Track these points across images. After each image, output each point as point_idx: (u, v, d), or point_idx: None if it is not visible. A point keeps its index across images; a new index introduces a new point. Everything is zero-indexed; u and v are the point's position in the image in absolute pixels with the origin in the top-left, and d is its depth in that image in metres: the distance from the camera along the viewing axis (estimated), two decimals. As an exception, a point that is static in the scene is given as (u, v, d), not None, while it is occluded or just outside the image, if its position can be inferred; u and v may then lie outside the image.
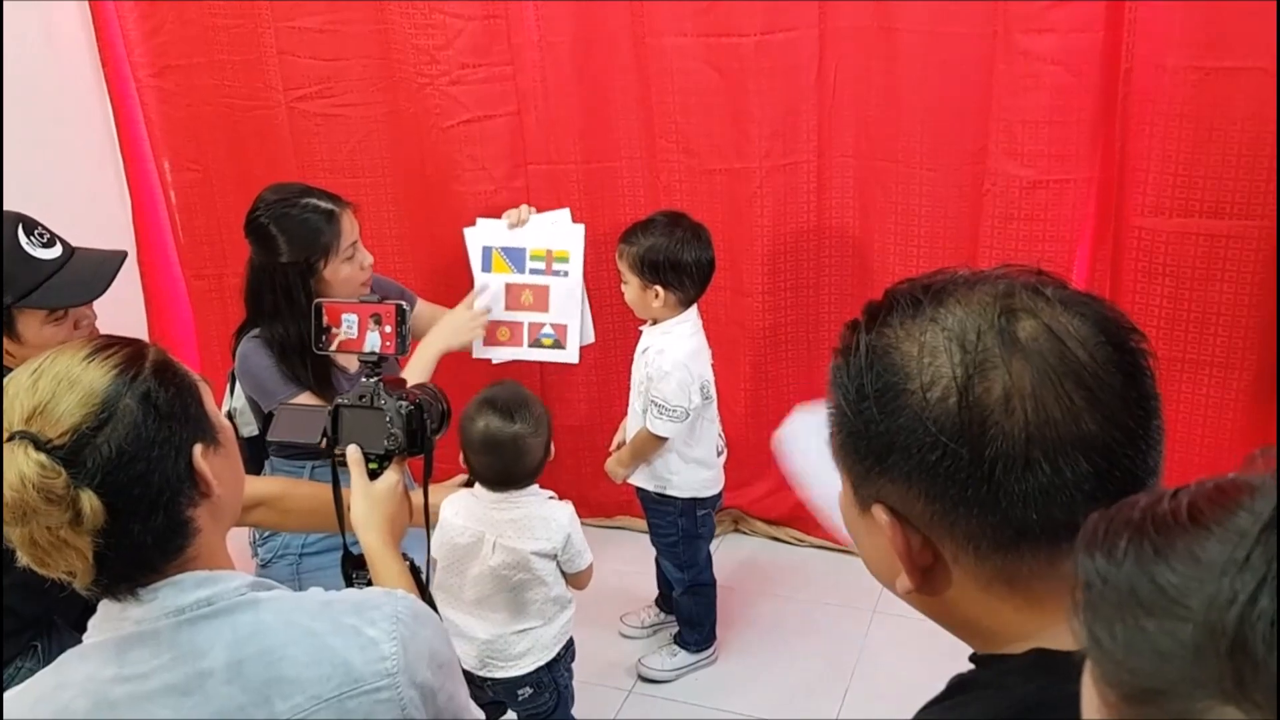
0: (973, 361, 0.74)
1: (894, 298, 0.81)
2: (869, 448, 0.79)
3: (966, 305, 0.77)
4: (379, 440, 1.54)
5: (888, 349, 0.78)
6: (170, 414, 1.07)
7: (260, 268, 2.35)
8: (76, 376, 1.05)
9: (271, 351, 2.33)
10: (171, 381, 1.10)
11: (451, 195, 3.03)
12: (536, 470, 2.09)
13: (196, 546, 1.11)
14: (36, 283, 1.90)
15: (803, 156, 2.81)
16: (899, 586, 0.81)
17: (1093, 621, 0.54)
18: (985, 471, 0.73)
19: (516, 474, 2.06)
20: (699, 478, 2.64)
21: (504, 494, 2.07)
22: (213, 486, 1.10)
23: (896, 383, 0.77)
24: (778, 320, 2.99)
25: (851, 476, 0.82)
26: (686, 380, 2.48)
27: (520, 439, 2.02)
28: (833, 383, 0.82)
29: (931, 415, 0.74)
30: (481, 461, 2.04)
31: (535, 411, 2.06)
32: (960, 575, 0.78)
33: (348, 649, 1.09)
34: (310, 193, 2.38)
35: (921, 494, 0.76)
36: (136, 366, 1.08)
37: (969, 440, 0.73)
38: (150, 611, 1.07)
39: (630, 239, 2.51)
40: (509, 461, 2.03)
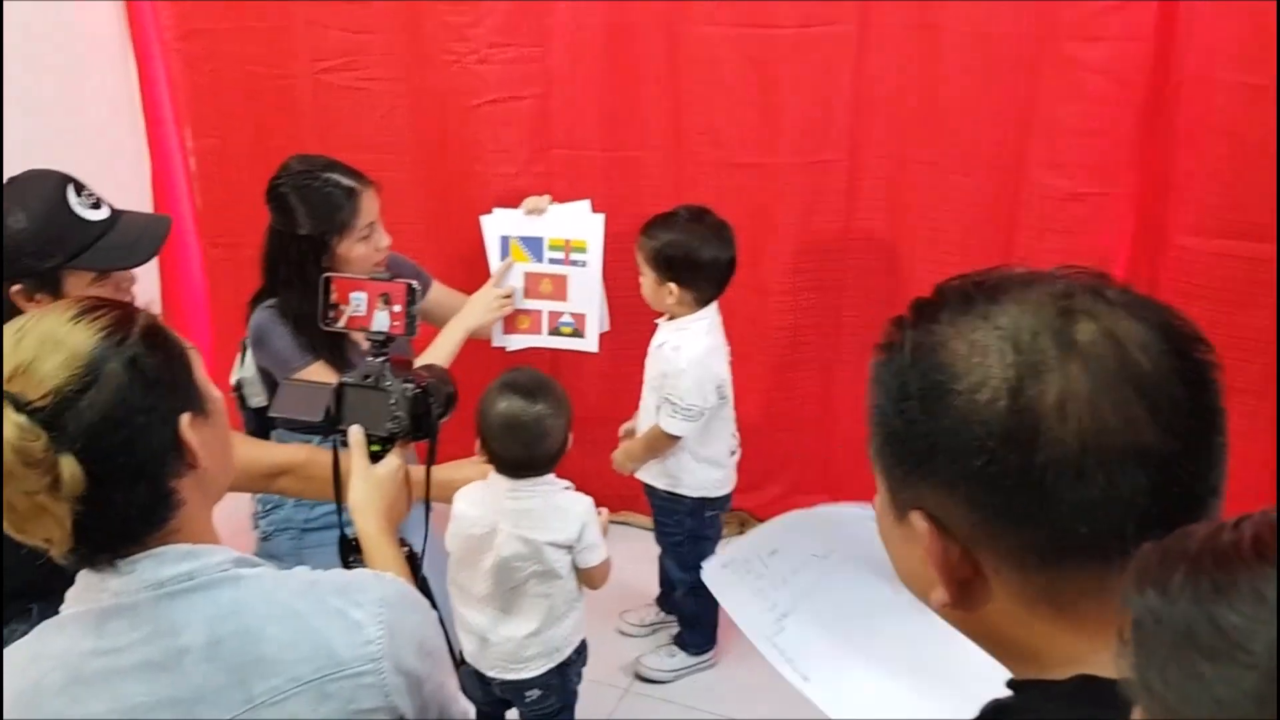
0: (1026, 363, 0.70)
1: (945, 293, 0.76)
2: (910, 450, 0.74)
3: (1022, 304, 0.72)
4: (383, 422, 1.50)
5: (935, 346, 0.74)
6: (158, 381, 1.04)
7: (277, 236, 2.35)
8: (62, 337, 1.02)
9: (286, 321, 2.32)
10: (160, 347, 1.07)
11: (472, 176, 2.99)
12: (557, 455, 2.04)
13: (180, 519, 1.07)
14: (86, 243, 1.88)
15: (834, 154, 2.75)
16: (934, 600, 0.77)
17: (1144, 664, 0.50)
18: (1034, 480, 0.69)
19: (537, 457, 2.01)
20: (710, 477, 2.60)
21: (520, 482, 2.03)
22: (199, 458, 1.07)
23: (943, 382, 0.72)
24: (798, 321, 2.94)
25: (889, 481, 0.78)
26: (702, 379, 2.44)
27: (543, 419, 1.98)
28: (874, 380, 0.78)
29: (979, 418, 0.70)
30: (502, 445, 2.00)
31: (556, 393, 2.03)
32: (1001, 590, 0.74)
33: (331, 631, 1.06)
34: (335, 167, 2.36)
35: (964, 502, 0.72)
36: (125, 330, 1.05)
37: (1018, 446, 0.69)
38: (129, 584, 1.04)
39: (650, 232, 2.47)
40: (530, 444, 1.99)
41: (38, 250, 1.86)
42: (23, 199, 1.89)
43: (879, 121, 2.71)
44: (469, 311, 2.57)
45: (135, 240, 1.97)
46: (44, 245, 1.86)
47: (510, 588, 2.06)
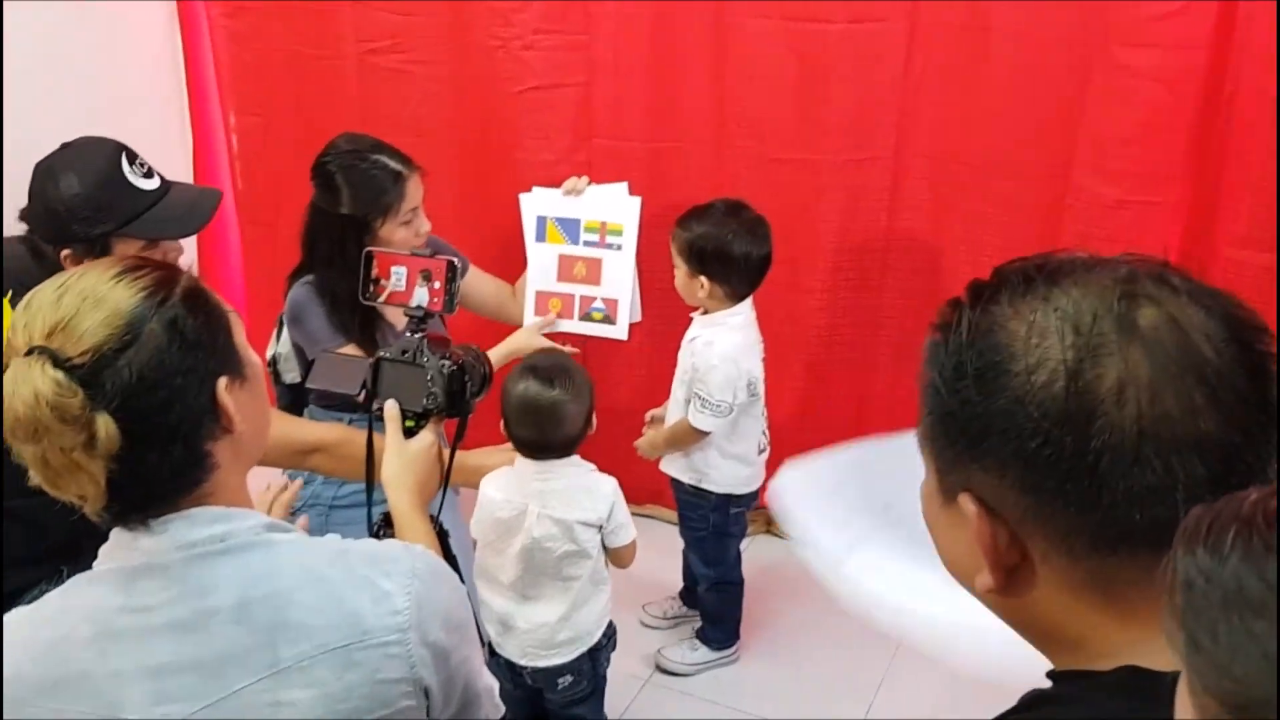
0: (1085, 345, 0.69)
1: (1004, 275, 0.75)
2: (962, 430, 0.73)
3: (1084, 287, 0.72)
4: (418, 398, 1.51)
5: (993, 327, 0.73)
6: (197, 343, 1.04)
7: (319, 213, 2.35)
8: (103, 295, 1.02)
9: (323, 300, 2.33)
10: (201, 309, 1.07)
11: (513, 163, 2.99)
12: (575, 440, 2.06)
13: (214, 482, 1.08)
14: (137, 212, 1.90)
15: (877, 153, 2.73)
16: (979, 584, 0.75)
17: (1193, 623, 0.50)
18: (1089, 464, 0.68)
19: (554, 441, 2.03)
20: (737, 474, 2.59)
21: (545, 464, 2.05)
22: (235, 421, 1.07)
23: (999, 362, 0.71)
24: (835, 320, 2.92)
25: (939, 462, 0.77)
26: (733, 375, 2.42)
27: (558, 405, 1.99)
28: (928, 360, 0.77)
29: (1035, 399, 0.69)
30: (519, 427, 2.03)
31: (576, 380, 2.04)
32: (1048, 577, 0.73)
33: (359, 600, 1.06)
34: (382, 149, 2.37)
35: (1015, 485, 0.71)
36: (166, 290, 1.05)
37: (1074, 429, 0.68)
38: (161, 544, 1.05)
39: (684, 223, 2.46)
40: (546, 428, 2.01)
41: (89, 216, 1.88)
42: (77, 164, 1.91)
43: (924, 121, 2.68)
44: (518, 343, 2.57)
45: (185, 212, 1.99)
46: (95, 211, 1.88)
47: (540, 570, 2.07)
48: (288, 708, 1.02)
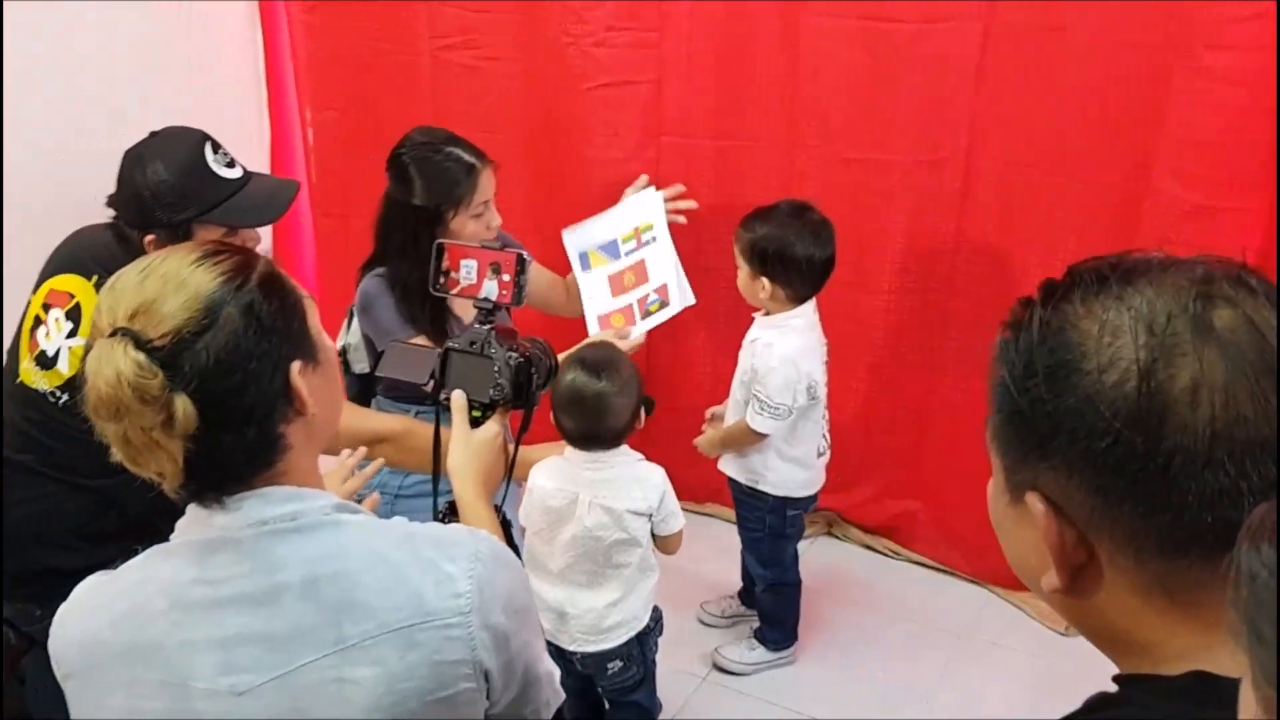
0: (1159, 346, 0.68)
1: (1077, 274, 0.75)
2: (1031, 429, 0.73)
3: (1158, 287, 0.71)
4: (485, 389, 1.52)
5: (1064, 325, 0.72)
6: (272, 327, 1.06)
7: (393, 204, 2.39)
8: (185, 279, 1.05)
9: (393, 291, 2.36)
10: (277, 294, 1.09)
11: (583, 160, 3.01)
12: (623, 432, 2.08)
13: (286, 463, 1.10)
14: (219, 199, 1.96)
15: (948, 154, 2.70)
16: (1045, 584, 0.75)
17: (1256, 615, 0.50)
18: (1160, 465, 0.67)
19: (600, 433, 2.05)
20: (795, 478, 2.58)
21: (595, 454, 2.07)
22: (308, 405, 1.09)
23: (1070, 361, 0.71)
24: (901, 322, 2.90)
25: (1006, 460, 0.77)
26: (792, 378, 2.42)
27: (604, 396, 2.01)
28: (998, 358, 0.76)
29: (1106, 399, 0.68)
30: (566, 417, 2.05)
31: (624, 372, 2.05)
32: (1115, 578, 0.72)
33: (423, 581, 1.07)
34: (456, 142, 2.40)
35: (1084, 484, 0.70)
36: (244, 275, 1.07)
37: (1146, 430, 0.67)
38: (235, 520, 1.08)
39: (748, 224, 2.46)
40: (592, 419, 2.03)
41: (174, 202, 1.94)
42: (164, 152, 1.98)
43: (996, 122, 2.64)
44: None
45: (265, 201, 2.05)
46: (179, 198, 1.94)
47: (590, 558, 2.09)
48: (350, 685, 1.04)
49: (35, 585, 2.04)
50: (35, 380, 2.02)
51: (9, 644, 2.20)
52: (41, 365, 2.01)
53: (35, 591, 2.04)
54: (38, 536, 2.02)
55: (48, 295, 2.05)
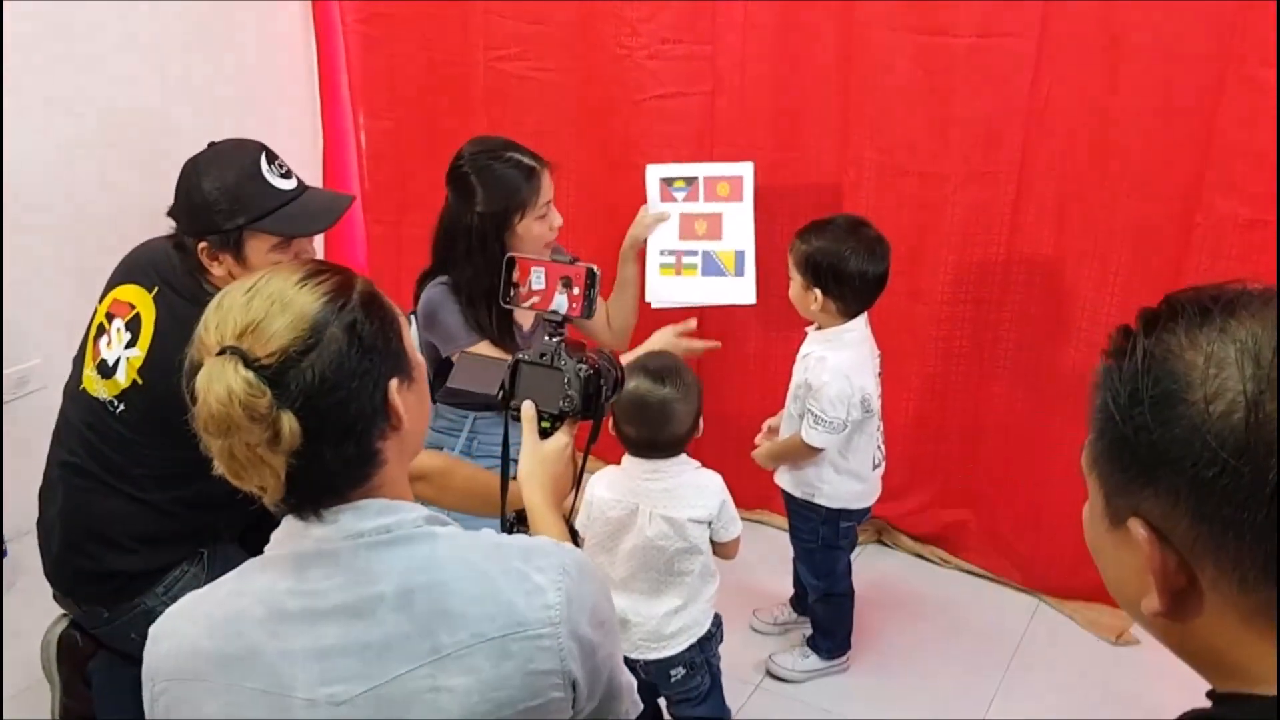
0: (1266, 378, 0.70)
1: (1177, 305, 0.77)
2: (1135, 457, 0.75)
3: (1262, 321, 0.73)
4: (555, 400, 1.55)
5: (1168, 355, 0.75)
6: (373, 346, 1.10)
7: (456, 216, 2.43)
8: (290, 299, 1.08)
9: (459, 299, 2.40)
10: (377, 314, 1.12)
11: (635, 170, 3.01)
12: (684, 439, 2.10)
13: (381, 476, 1.14)
14: (271, 208, 2.00)
15: (1003, 167, 2.71)
16: (1144, 607, 0.77)
17: None
18: (1267, 495, 0.69)
19: (663, 440, 2.07)
20: (850, 490, 2.59)
21: (654, 464, 2.10)
22: (403, 420, 1.13)
23: (1176, 391, 0.73)
24: (952, 333, 2.91)
25: (1107, 487, 0.79)
26: (845, 392, 2.44)
27: (668, 403, 2.04)
28: (1100, 385, 0.79)
29: (1213, 429, 0.71)
30: (629, 425, 2.07)
31: (686, 379, 2.08)
32: (1216, 603, 0.74)
33: (514, 592, 1.10)
34: (513, 148, 2.44)
35: (1188, 512, 0.73)
36: (346, 296, 1.11)
37: (1252, 460, 0.70)
38: (331, 532, 1.11)
39: (803, 236, 2.48)
40: (655, 426, 2.05)
41: (227, 209, 1.98)
42: (220, 161, 2.03)
43: (1050, 135, 2.65)
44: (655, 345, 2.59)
45: (318, 211, 2.08)
46: (233, 204, 1.98)
47: (652, 567, 2.11)
48: (446, 693, 1.07)
49: (101, 587, 2.09)
50: (96, 388, 2.06)
51: (77, 646, 2.25)
52: (102, 374, 2.06)
53: (102, 593, 2.10)
54: (101, 539, 2.06)
55: (111, 305, 2.10)
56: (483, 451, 2.52)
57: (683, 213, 2.75)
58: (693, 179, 2.74)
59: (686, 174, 2.76)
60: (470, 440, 2.55)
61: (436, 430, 2.57)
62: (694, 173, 2.75)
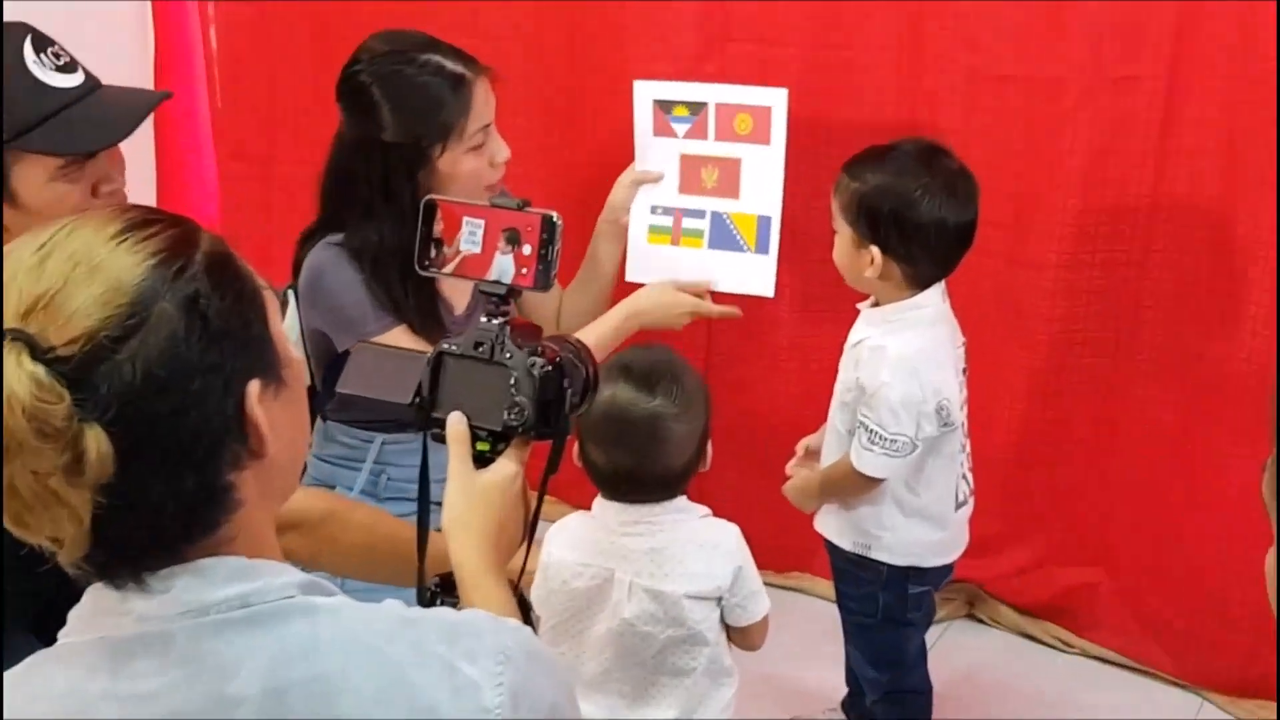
0: None
1: None
2: None
3: None
4: (496, 410, 1.53)
5: None
6: (224, 332, 1.08)
7: (352, 146, 2.43)
8: (100, 261, 1.05)
9: (360, 265, 2.39)
10: (230, 285, 1.11)
11: (613, 76, 3.03)
12: (683, 476, 2.07)
13: (235, 524, 1.12)
14: (42, 115, 1.92)
15: (1148, 68, 2.72)
16: None
17: None
18: None
19: (650, 475, 2.05)
20: (922, 539, 2.58)
21: (637, 511, 2.07)
22: (267, 443, 1.11)
23: None
24: (1074, 310, 2.92)
25: None
26: (914, 396, 2.41)
27: (659, 421, 2.01)
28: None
29: None
30: (603, 452, 2.04)
31: (687, 386, 2.05)
32: None
33: (436, 689, 1.09)
34: (436, 47, 2.43)
35: None
36: (184, 257, 1.08)
37: None
38: (163, 607, 1.08)
39: (854, 170, 2.47)
40: (640, 455, 2.02)
41: None
42: None
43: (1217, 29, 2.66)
44: (647, 301, 2.61)
45: (115, 115, 2.01)
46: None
47: (637, 662, 2.09)
48: None
49: None
50: None
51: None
52: None
53: None
54: None
55: None
56: (395, 491, 2.51)
57: (684, 153, 2.74)
58: (700, 105, 2.73)
59: (691, 97, 2.74)
60: (376, 475, 2.55)
61: (325, 460, 2.57)
62: (702, 96, 2.74)
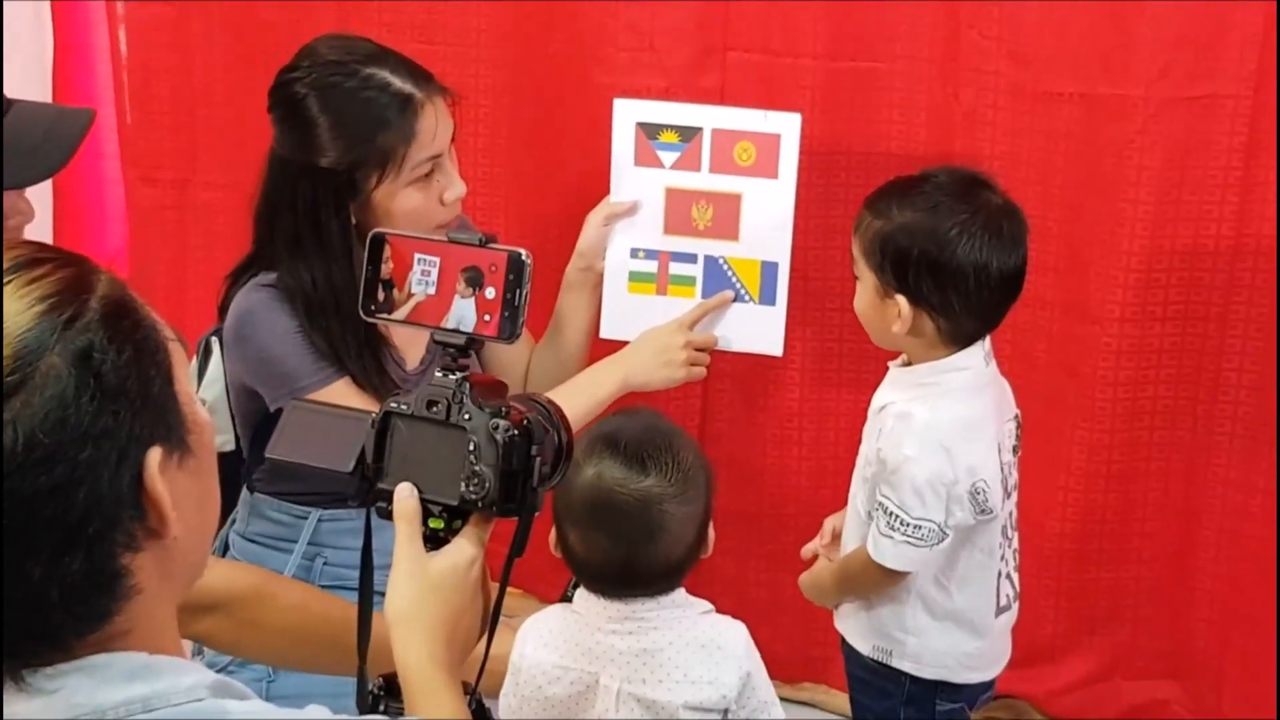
0: None
1: None
2: None
3: None
4: (453, 481, 1.53)
5: None
6: (120, 392, 1.09)
7: (282, 168, 2.43)
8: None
9: (292, 308, 2.40)
10: (129, 336, 1.11)
11: (592, 90, 3.06)
12: (682, 565, 2.06)
13: (131, 614, 1.12)
14: None
15: (1228, 86, 2.74)
16: None
17: None
18: None
19: (645, 568, 2.03)
20: (956, 648, 2.56)
21: (628, 607, 2.06)
22: (169, 521, 1.12)
23: None
24: (1143, 372, 2.93)
25: None
26: (942, 475, 2.40)
27: (653, 505, 1.99)
28: None
29: None
30: (588, 542, 2.03)
31: (685, 461, 2.03)
32: None
33: None
34: (385, 60, 2.45)
35: None
36: (77, 303, 1.09)
37: None
38: (49, 710, 1.09)
39: (879, 205, 2.46)
40: (633, 543, 2.01)
41: None
42: None
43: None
44: (635, 357, 2.62)
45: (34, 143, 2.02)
46: None
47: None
48: None
49: None
50: None
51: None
52: None
53: None
54: None
55: None
56: (333, 578, 2.52)
57: (671, 186, 2.74)
58: (693, 130, 2.73)
59: (682, 120, 2.74)
60: (310, 559, 2.56)
61: (252, 539, 2.59)
62: (695, 119, 2.74)
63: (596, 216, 2.73)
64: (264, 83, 2.50)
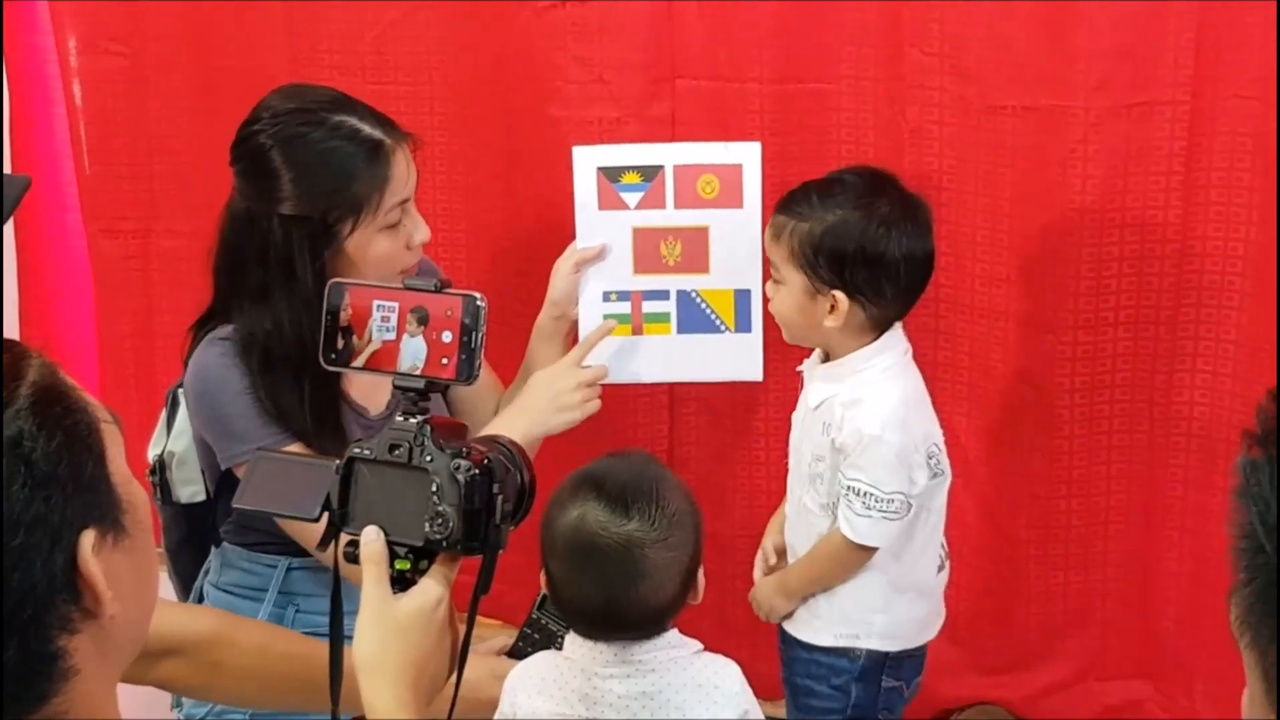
0: None
1: None
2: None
3: None
4: (417, 522, 1.56)
5: None
6: (51, 477, 1.10)
7: (244, 220, 2.43)
8: None
9: (248, 365, 2.40)
10: (59, 422, 1.12)
11: (544, 124, 3.09)
12: (666, 611, 2.05)
13: (69, 696, 1.13)
14: None
15: (1164, 93, 2.77)
16: None
17: None
18: None
19: (627, 611, 2.02)
20: (913, 615, 2.63)
21: (623, 650, 2.05)
22: (104, 601, 1.13)
23: None
24: (1099, 377, 2.95)
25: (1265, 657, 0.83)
26: (905, 445, 2.47)
27: (634, 550, 1.98)
28: (1240, 492, 0.82)
29: None
30: (572, 585, 2.03)
31: (670, 506, 2.02)
32: None
33: None
34: (349, 107, 2.46)
35: None
36: (7, 390, 1.10)
37: None
38: (-17, 805, 1.09)
39: (796, 207, 2.52)
40: (614, 587, 2.00)
41: None
42: None
43: (1241, 45, 2.71)
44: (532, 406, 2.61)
45: None
46: None
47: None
48: None
49: None
50: None
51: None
52: None
53: None
54: None
55: None
56: (307, 625, 2.52)
57: (638, 226, 2.75)
58: (654, 169, 2.74)
59: (643, 160, 2.76)
60: (284, 606, 2.57)
61: (224, 589, 2.59)
62: (656, 158, 2.76)
63: (565, 264, 2.72)
64: (220, 127, 2.53)
